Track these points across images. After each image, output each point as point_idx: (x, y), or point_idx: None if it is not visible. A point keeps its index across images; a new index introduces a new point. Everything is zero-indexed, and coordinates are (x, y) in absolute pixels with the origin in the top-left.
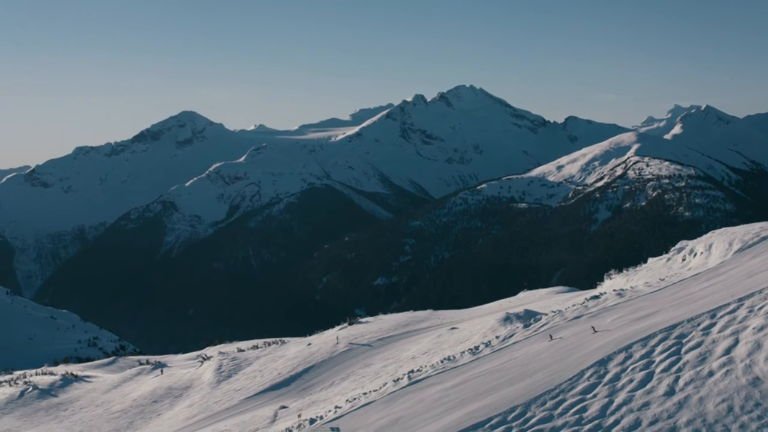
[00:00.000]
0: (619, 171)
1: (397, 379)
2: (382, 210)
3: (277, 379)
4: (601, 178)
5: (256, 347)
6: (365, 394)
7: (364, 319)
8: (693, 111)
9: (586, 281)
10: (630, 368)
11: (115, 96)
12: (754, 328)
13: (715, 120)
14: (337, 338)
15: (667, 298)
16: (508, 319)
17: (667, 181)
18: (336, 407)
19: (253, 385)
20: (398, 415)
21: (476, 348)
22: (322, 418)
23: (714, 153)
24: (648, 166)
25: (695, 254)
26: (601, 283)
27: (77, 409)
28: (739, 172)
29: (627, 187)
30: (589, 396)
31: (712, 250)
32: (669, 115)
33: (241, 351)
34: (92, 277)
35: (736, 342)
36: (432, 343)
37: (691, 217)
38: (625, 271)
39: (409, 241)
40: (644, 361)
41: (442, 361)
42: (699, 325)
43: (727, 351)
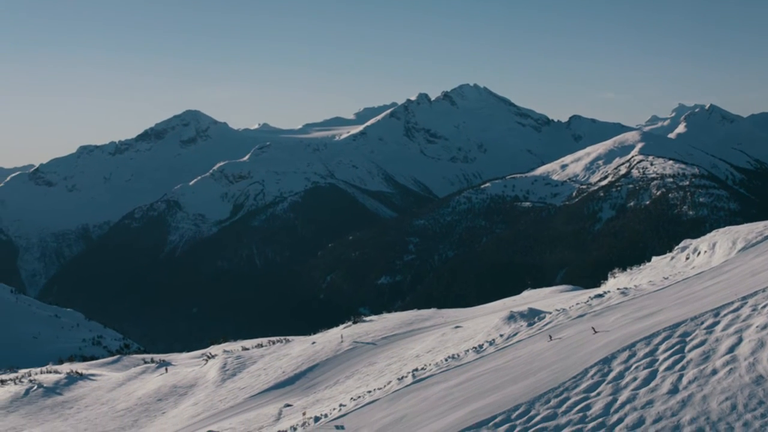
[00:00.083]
0: (623, 170)
1: (402, 378)
2: (386, 209)
3: (282, 378)
4: (605, 177)
5: (260, 346)
6: (370, 392)
7: (368, 318)
8: (697, 110)
9: (590, 280)
10: (634, 366)
11: (119, 95)
12: (757, 327)
13: (720, 119)
14: (342, 337)
15: (670, 297)
16: (512, 318)
17: (671, 180)
18: (340, 405)
19: (258, 383)
20: (402, 413)
21: (480, 346)
22: (326, 416)
23: (718, 152)
24: (652, 165)
25: (699, 253)
26: (605, 282)
27: (82, 408)
28: (743, 171)
29: (631, 186)
30: (593, 394)
31: (715, 249)
32: (673, 114)
33: (246, 349)
34: (96, 276)
35: (740, 340)
36: (436, 342)
37: (695, 216)
38: (628, 270)
39: (413, 239)
40: (648, 360)
41: (446, 360)
42: (703, 323)
43: (731, 349)
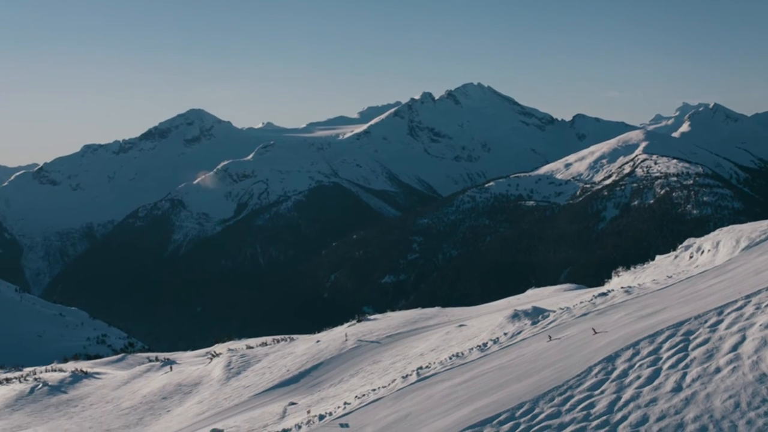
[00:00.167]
0: (627, 169)
1: (406, 376)
2: (390, 208)
3: (286, 376)
4: (609, 176)
5: (264, 344)
6: (374, 390)
7: (372, 317)
8: (701, 109)
9: (594, 279)
10: (638, 365)
11: (123, 94)
12: (761, 325)
13: (724, 118)
14: (346, 335)
15: (674, 295)
16: (516, 316)
17: (675, 178)
18: (345, 403)
19: (262, 381)
20: (407, 412)
21: (484, 345)
22: (331, 414)
23: (722, 151)
24: (656, 163)
25: (703, 252)
26: (609, 281)
27: (87, 406)
28: (747, 170)
29: (635, 185)
30: (597, 392)
31: (719, 248)
32: (677, 113)
33: (250, 348)
34: (100, 274)
35: (743, 339)
36: (440, 340)
37: (699, 215)
38: (632, 269)
39: (417, 238)
40: (652, 358)
41: (450, 358)
42: (706, 322)
43: (734, 348)
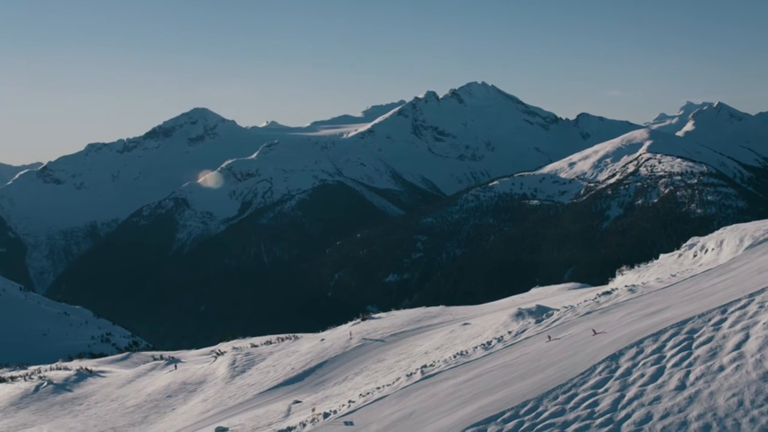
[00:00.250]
0: (631, 168)
1: (410, 374)
2: (394, 207)
3: (291, 374)
4: (613, 175)
5: (269, 343)
6: (378, 388)
7: (376, 315)
8: (705, 108)
9: (598, 278)
10: (641, 363)
11: (127, 93)
12: (764, 324)
13: (728, 117)
14: (350, 334)
15: (678, 294)
16: (520, 315)
17: (679, 178)
18: (349, 401)
19: (267, 380)
20: (411, 410)
21: (488, 343)
22: (335, 412)
23: (726, 150)
24: (660, 163)
25: (706, 250)
26: (613, 279)
27: (92, 404)
28: (751, 169)
29: (639, 184)
30: (601, 390)
31: (723, 247)
32: (681, 112)
33: (255, 346)
34: (104, 273)
35: (747, 337)
36: (444, 339)
37: (703, 214)
38: (636, 268)
39: (421, 237)
40: (655, 356)
41: (454, 356)
42: (710, 320)
43: (738, 346)
